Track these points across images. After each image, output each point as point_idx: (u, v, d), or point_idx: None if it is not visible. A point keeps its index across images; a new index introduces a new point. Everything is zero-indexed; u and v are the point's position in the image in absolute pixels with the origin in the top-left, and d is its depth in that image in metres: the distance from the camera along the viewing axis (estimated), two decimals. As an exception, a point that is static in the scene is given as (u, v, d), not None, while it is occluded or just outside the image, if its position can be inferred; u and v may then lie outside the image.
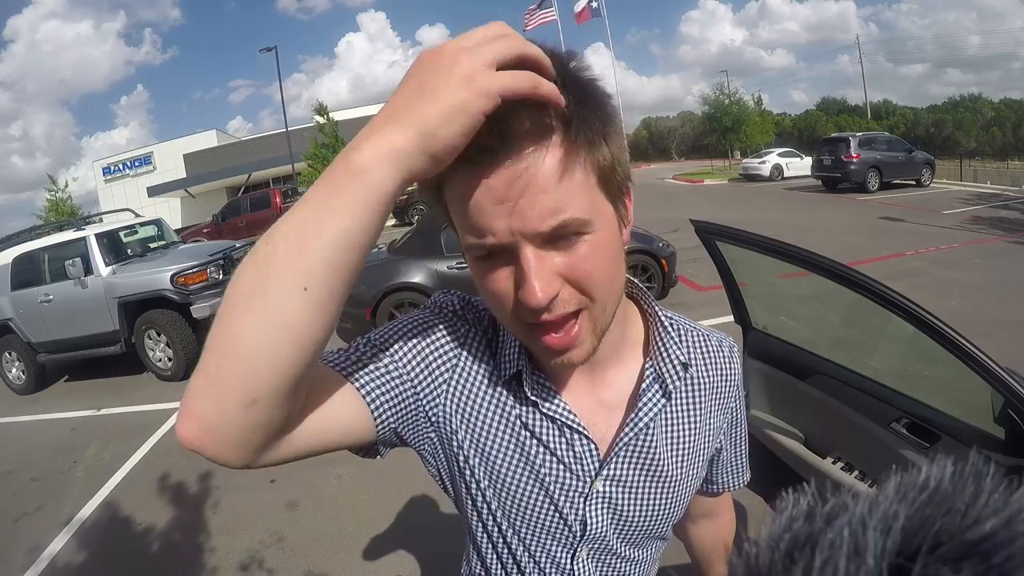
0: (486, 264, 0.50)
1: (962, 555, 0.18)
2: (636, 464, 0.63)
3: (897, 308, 1.21)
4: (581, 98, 0.45)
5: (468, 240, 0.49)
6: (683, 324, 0.69)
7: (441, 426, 0.62)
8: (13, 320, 5.98)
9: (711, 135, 30.83)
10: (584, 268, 0.48)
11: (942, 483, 0.21)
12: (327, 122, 20.82)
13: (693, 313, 5.32)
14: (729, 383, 0.69)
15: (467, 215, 0.47)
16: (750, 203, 13.59)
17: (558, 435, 0.62)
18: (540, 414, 0.61)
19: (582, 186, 0.47)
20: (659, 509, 0.66)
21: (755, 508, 2.42)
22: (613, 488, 0.63)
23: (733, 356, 0.70)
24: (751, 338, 1.89)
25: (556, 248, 0.48)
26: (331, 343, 0.44)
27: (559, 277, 0.48)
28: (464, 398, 0.61)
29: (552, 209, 0.45)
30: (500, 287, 0.50)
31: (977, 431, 1.32)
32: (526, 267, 0.47)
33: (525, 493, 0.62)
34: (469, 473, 0.63)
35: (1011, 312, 4.67)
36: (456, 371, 0.61)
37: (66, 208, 23.44)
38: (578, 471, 0.62)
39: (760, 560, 0.21)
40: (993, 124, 43.94)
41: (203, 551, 2.83)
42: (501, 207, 0.45)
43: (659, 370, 0.62)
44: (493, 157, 0.44)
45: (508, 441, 0.62)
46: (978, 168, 18.15)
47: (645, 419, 0.62)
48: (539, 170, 0.44)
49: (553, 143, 0.45)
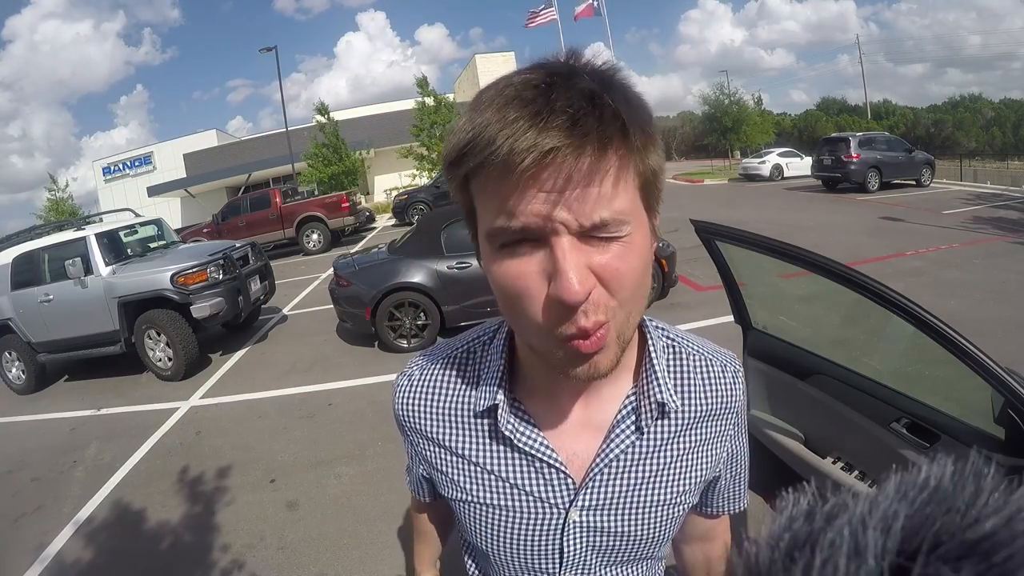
0: (510, 253, 0.47)
1: (962, 554, 0.18)
2: (611, 493, 0.62)
3: (897, 308, 1.21)
4: (630, 96, 0.45)
5: (496, 223, 0.46)
6: (685, 345, 0.67)
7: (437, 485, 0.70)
8: (13, 320, 5.97)
9: (711, 135, 30.80)
10: (618, 268, 0.46)
11: (942, 482, 0.21)
12: (328, 121, 20.82)
13: (693, 313, 5.32)
14: (729, 409, 0.66)
15: (501, 197, 0.45)
16: (750, 203, 13.58)
17: (530, 471, 0.62)
18: (513, 450, 0.62)
19: (629, 188, 0.46)
20: (639, 535, 0.65)
21: (755, 508, 2.42)
22: (588, 517, 0.63)
23: (737, 381, 0.67)
24: (751, 338, 1.89)
25: (591, 244, 0.45)
26: (331, 343, 0.44)
27: (592, 275, 0.46)
28: (443, 454, 0.67)
29: (598, 203, 0.44)
30: (525, 282, 0.46)
31: (977, 431, 1.32)
32: (561, 258, 0.44)
33: (500, 531, 0.65)
34: (457, 511, 0.68)
35: (1011, 312, 4.67)
36: (430, 439, 0.67)
37: (66, 208, 23.49)
38: (553, 503, 0.63)
39: (760, 559, 0.21)
40: (993, 124, 43.93)
41: (203, 551, 2.83)
42: (545, 195, 0.43)
43: (638, 404, 0.62)
44: (544, 151, 0.42)
45: (482, 486, 0.64)
46: (978, 168, 18.13)
47: (616, 451, 0.61)
48: (594, 166, 0.43)
49: (613, 143, 0.43)
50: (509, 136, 0.41)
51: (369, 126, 25.88)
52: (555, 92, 0.42)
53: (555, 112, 0.41)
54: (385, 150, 24.65)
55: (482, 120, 0.43)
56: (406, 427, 0.69)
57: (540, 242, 0.45)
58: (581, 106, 0.42)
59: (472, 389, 0.64)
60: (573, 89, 0.42)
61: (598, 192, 0.43)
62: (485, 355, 0.65)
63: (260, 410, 4.54)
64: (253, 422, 4.33)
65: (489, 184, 0.45)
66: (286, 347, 6.07)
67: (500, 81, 0.46)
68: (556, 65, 0.46)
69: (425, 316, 5.23)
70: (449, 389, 0.66)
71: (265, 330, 6.83)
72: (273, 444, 3.89)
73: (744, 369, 1.91)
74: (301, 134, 22.22)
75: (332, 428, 3.97)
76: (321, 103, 21.21)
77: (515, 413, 0.62)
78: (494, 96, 0.44)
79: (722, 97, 29.17)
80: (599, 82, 0.44)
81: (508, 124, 0.42)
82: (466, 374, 0.66)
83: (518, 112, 0.42)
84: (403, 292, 5.20)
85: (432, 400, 0.66)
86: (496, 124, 0.42)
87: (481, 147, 0.43)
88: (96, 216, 7.67)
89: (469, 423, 0.64)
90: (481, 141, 0.43)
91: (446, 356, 0.68)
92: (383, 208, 20.83)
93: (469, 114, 0.45)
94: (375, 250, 6.06)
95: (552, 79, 0.43)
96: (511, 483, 0.63)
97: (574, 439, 0.62)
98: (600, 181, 0.43)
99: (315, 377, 5.05)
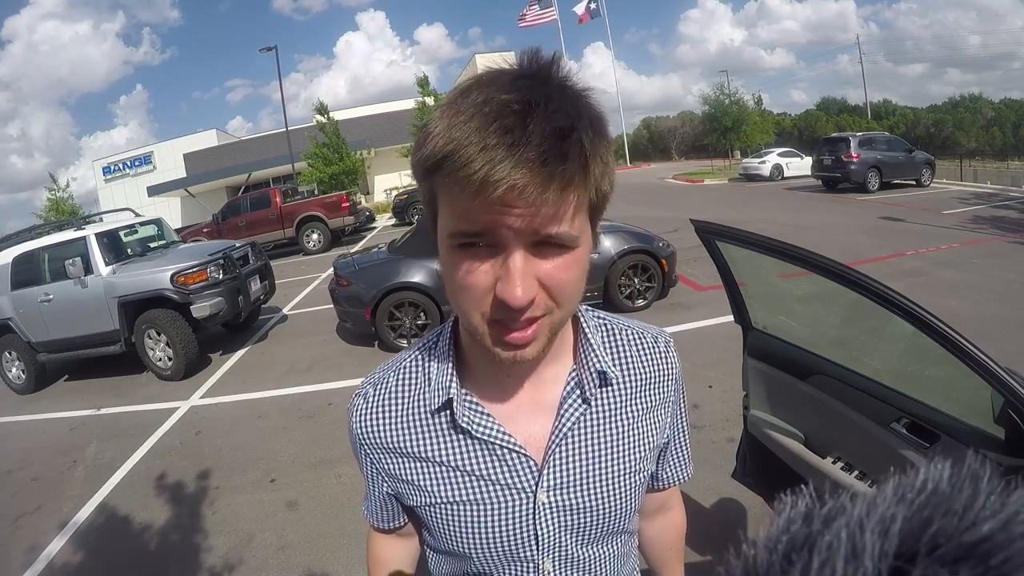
0: (467, 253, 0.51)
1: (960, 557, 0.18)
2: (573, 469, 0.65)
3: (897, 308, 1.21)
4: (596, 129, 0.49)
5: (456, 226, 0.51)
6: (616, 324, 0.72)
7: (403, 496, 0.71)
8: (13, 320, 5.98)
9: (711, 135, 30.79)
10: (560, 278, 0.52)
11: (939, 485, 0.21)
12: (328, 121, 20.82)
13: (693, 313, 5.32)
14: (666, 377, 0.71)
15: (466, 207, 0.48)
16: (750, 203, 13.58)
17: (492, 460, 0.65)
18: (473, 440, 0.65)
19: (579, 208, 0.51)
20: (607, 507, 0.67)
21: (755, 508, 2.42)
22: (556, 496, 0.65)
23: (669, 351, 0.73)
24: (751, 338, 1.89)
25: (540, 255, 0.51)
26: (331, 343, 0.44)
27: (537, 282, 0.51)
28: (406, 463, 0.68)
29: (551, 221, 0.49)
30: (477, 280, 0.52)
31: (977, 431, 1.32)
32: (512, 267, 0.50)
33: (475, 527, 0.66)
34: (428, 520, 0.69)
35: (1011, 312, 4.67)
36: (391, 449, 0.68)
37: (66, 207, 23.46)
38: (520, 487, 0.65)
39: (758, 562, 0.21)
40: (993, 124, 43.90)
41: (203, 551, 2.83)
42: (507, 212, 0.47)
43: (580, 377, 0.66)
44: (515, 184, 0.46)
45: (449, 484, 0.66)
46: (978, 168, 18.11)
47: (568, 424, 0.65)
48: (555, 197, 0.47)
49: (575, 181, 0.48)
50: (486, 162, 0.45)
51: (369, 126, 25.89)
52: (532, 122, 0.45)
53: (530, 145, 0.45)
54: (385, 150, 24.67)
55: (461, 135, 0.46)
56: (366, 445, 0.70)
57: (495, 248, 0.50)
58: (552, 144, 0.46)
59: (425, 390, 0.67)
60: (548, 121, 0.46)
61: (553, 214, 0.49)
62: (432, 357, 0.68)
63: (260, 410, 4.54)
64: (253, 422, 4.33)
65: (458, 195, 0.48)
66: (286, 347, 6.07)
67: (480, 89, 0.48)
68: (535, 85, 0.48)
69: (425, 316, 5.23)
70: (404, 397, 0.68)
71: (265, 330, 6.84)
72: (273, 444, 3.89)
73: (744, 369, 1.91)
74: (301, 134, 22.22)
75: (332, 428, 3.97)
76: (321, 103, 21.23)
77: (469, 405, 0.65)
78: (473, 111, 0.47)
79: (722, 97, 29.16)
80: (572, 112, 0.47)
81: (487, 149, 0.45)
82: (417, 379, 0.68)
83: (497, 139, 0.45)
84: (403, 292, 5.20)
85: (389, 411, 0.68)
86: (475, 145, 0.45)
87: (459, 165, 0.46)
88: (96, 216, 7.67)
89: (427, 423, 0.66)
90: (459, 159, 0.46)
91: (395, 369, 0.71)
92: (383, 208, 20.84)
93: (447, 119, 0.48)
94: (375, 250, 6.06)
95: (530, 106, 0.46)
96: (476, 475, 0.65)
97: (528, 422, 0.65)
98: (558, 208, 0.49)
99: (315, 377, 5.05)
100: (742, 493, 2.21)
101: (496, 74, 0.51)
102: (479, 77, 0.51)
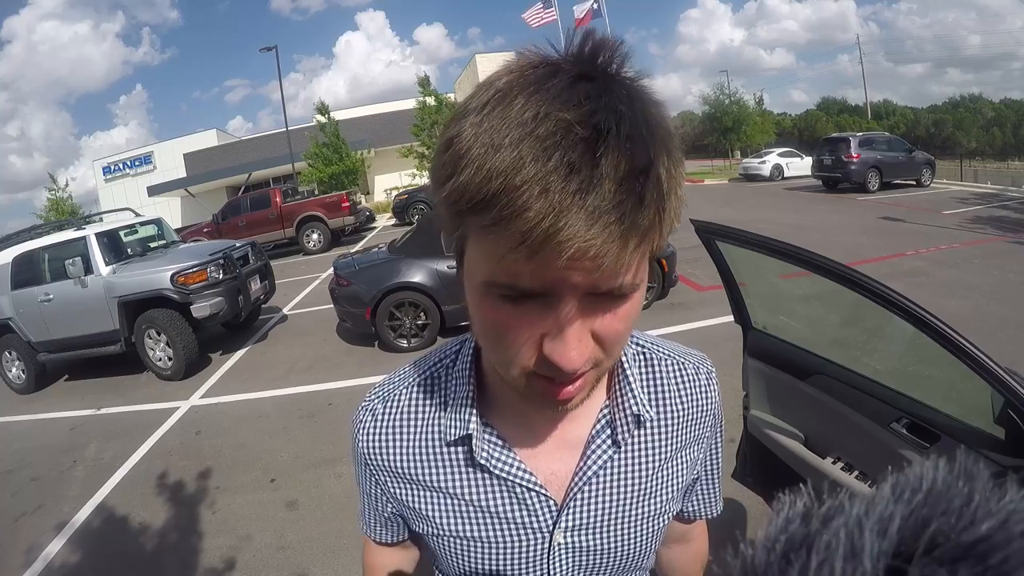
0: (506, 305, 0.42)
1: (958, 557, 0.18)
2: (595, 511, 0.61)
3: (897, 308, 1.21)
4: (673, 156, 0.39)
5: (496, 278, 0.41)
6: (656, 351, 0.65)
7: (410, 520, 0.66)
8: (13, 319, 5.98)
9: (711, 135, 30.76)
10: (616, 329, 0.44)
11: (938, 484, 0.21)
12: (328, 121, 20.81)
13: (693, 313, 5.32)
14: (705, 412, 0.66)
15: (514, 260, 0.38)
16: (750, 203, 13.58)
17: (509, 498, 0.60)
18: (490, 477, 0.60)
19: (643, 257, 0.42)
20: (626, 549, 0.63)
21: (755, 508, 2.42)
22: (573, 537, 0.61)
23: (711, 384, 0.66)
24: (751, 338, 1.89)
25: (597, 305, 0.42)
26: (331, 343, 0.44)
27: (591, 340, 0.43)
28: (415, 490, 0.64)
29: (616, 275, 0.40)
30: (519, 335, 0.43)
31: (977, 431, 1.32)
32: (567, 326, 0.41)
33: (482, 564, 0.62)
34: (434, 547, 0.65)
35: (1011, 312, 4.66)
36: (400, 475, 0.64)
37: (66, 207, 23.48)
38: (536, 528, 0.61)
39: (756, 562, 0.21)
40: (993, 124, 43.90)
41: (203, 551, 2.83)
42: (567, 267, 0.37)
43: (613, 416, 0.60)
44: (579, 237, 0.35)
45: (460, 519, 0.62)
46: (978, 168, 18.14)
47: (594, 467, 0.60)
48: (627, 249, 0.38)
49: (652, 228, 0.39)
50: (548, 214, 0.34)
51: (369, 126, 25.89)
52: (603, 157, 0.35)
53: (601, 191, 0.35)
54: (385, 150, 24.65)
55: (509, 167, 0.35)
56: (371, 465, 0.65)
57: (544, 298, 0.41)
58: (630, 187, 0.36)
59: (440, 417, 0.61)
60: (623, 156, 0.35)
61: (616, 263, 0.38)
62: (450, 379, 0.62)
63: (260, 410, 4.54)
64: (253, 422, 4.33)
65: (506, 252, 0.38)
66: (286, 347, 6.07)
67: (527, 99, 0.36)
68: (599, 94, 0.37)
69: (425, 316, 5.23)
70: (417, 421, 0.63)
71: (265, 330, 6.84)
72: (273, 444, 3.89)
73: (744, 369, 1.91)
74: (301, 134, 22.21)
75: (332, 428, 3.97)
76: (321, 103, 21.22)
77: (488, 439, 0.59)
78: (522, 133, 0.35)
79: (722, 97, 29.15)
80: (649, 137, 0.37)
81: (548, 194, 0.34)
82: (432, 401, 0.62)
83: (561, 181, 0.34)
84: (403, 292, 5.20)
85: (400, 435, 0.63)
86: (531, 186, 0.34)
87: (509, 214, 0.35)
88: (96, 216, 7.67)
89: (441, 454, 0.61)
90: (509, 205, 0.35)
91: (408, 384, 0.64)
92: (383, 208, 20.84)
93: (486, 138, 0.36)
94: (375, 250, 6.06)
95: (599, 132, 0.35)
96: (491, 512, 0.60)
97: (550, 459, 0.60)
98: (630, 263, 0.40)
99: (315, 377, 5.05)
100: (742, 493, 2.21)
101: (542, 70, 0.38)
102: (519, 69, 0.38)
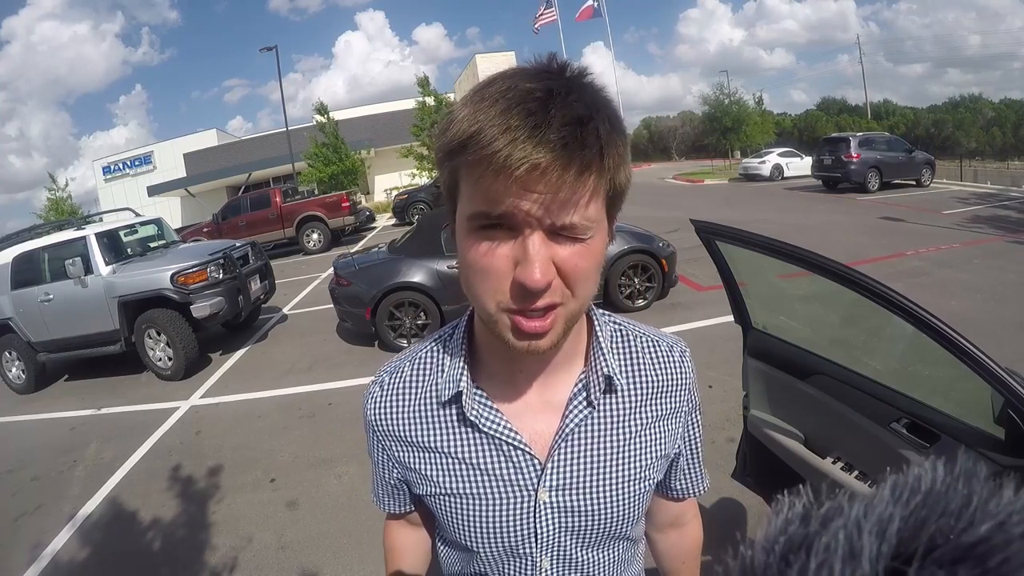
0: (485, 235, 0.52)
1: (957, 558, 0.18)
2: (573, 470, 0.66)
3: (897, 308, 1.21)
4: (613, 123, 0.51)
5: (476, 208, 0.52)
6: (632, 330, 0.72)
7: (412, 483, 0.73)
8: (13, 319, 5.98)
9: (711, 135, 30.78)
10: (576, 264, 0.53)
11: (937, 486, 0.21)
12: (328, 121, 20.81)
13: (693, 313, 5.32)
14: (679, 385, 0.71)
15: (488, 189, 0.50)
16: (750, 203, 13.57)
17: (497, 455, 0.66)
18: (479, 434, 0.66)
19: (598, 200, 0.53)
20: (607, 512, 0.68)
21: (755, 508, 2.42)
22: (557, 497, 0.66)
23: (684, 360, 0.73)
24: (751, 338, 1.89)
25: (557, 241, 0.52)
26: (331, 342, 0.44)
27: (554, 266, 0.52)
28: (415, 452, 0.70)
29: (570, 209, 0.50)
30: (495, 263, 0.52)
31: (977, 431, 1.32)
32: (531, 250, 0.50)
33: (476, 519, 0.67)
34: (434, 508, 0.71)
35: (1011, 312, 4.67)
36: (401, 439, 0.70)
37: (66, 207, 23.49)
38: (522, 484, 0.66)
39: (755, 563, 0.21)
40: (993, 124, 43.87)
41: (203, 550, 2.83)
42: (527, 195, 0.49)
43: (588, 379, 0.66)
44: (536, 164, 0.47)
45: (454, 476, 0.67)
46: (978, 168, 18.14)
47: (571, 425, 0.66)
48: (573, 181, 0.49)
49: (592, 166, 0.49)
50: (508, 142, 0.47)
51: (369, 126, 25.89)
52: (553, 108, 0.47)
53: (551, 128, 0.47)
54: (385, 150, 24.66)
55: (485, 118, 0.48)
56: (378, 432, 0.72)
57: (514, 231, 0.51)
58: (572, 130, 0.47)
59: (437, 382, 0.68)
60: (568, 109, 0.48)
61: (572, 201, 0.50)
62: (447, 349, 0.70)
63: (260, 410, 4.54)
64: (253, 422, 4.34)
65: (481, 176, 0.50)
66: (286, 347, 6.07)
67: (503, 80, 0.51)
68: (556, 77, 0.51)
69: (425, 316, 5.23)
70: (416, 387, 0.70)
71: (265, 330, 6.83)
72: (273, 444, 3.89)
73: (744, 369, 1.91)
74: (301, 134, 22.20)
75: (332, 428, 3.97)
76: (321, 103, 21.22)
77: (478, 398, 0.66)
78: (497, 96, 0.49)
79: (722, 97, 29.16)
80: (590, 104, 0.49)
81: (510, 130, 0.47)
82: (431, 369, 0.70)
83: (520, 120, 0.47)
84: (403, 292, 5.20)
85: (402, 401, 0.70)
86: (498, 127, 0.47)
87: (482, 145, 0.48)
88: (96, 216, 7.68)
89: (436, 414, 0.68)
90: (483, 139, 0.48)
91: (412, 358, 0.72)
92: (383, 208, 20.83)
93: (472, 106, 0.50)
94: (375, 250, 6.06)
95: (551, 94, 0.48)
96: (480, 468, 0.66)
97: (534, 419, 0.66)
98: (575, 193, 0.50)
99: (315, 377, 5.05)
100: (742, 493, 2.21)
101: (519, 68, 0.53)
102: (503, 71, 0.53)
